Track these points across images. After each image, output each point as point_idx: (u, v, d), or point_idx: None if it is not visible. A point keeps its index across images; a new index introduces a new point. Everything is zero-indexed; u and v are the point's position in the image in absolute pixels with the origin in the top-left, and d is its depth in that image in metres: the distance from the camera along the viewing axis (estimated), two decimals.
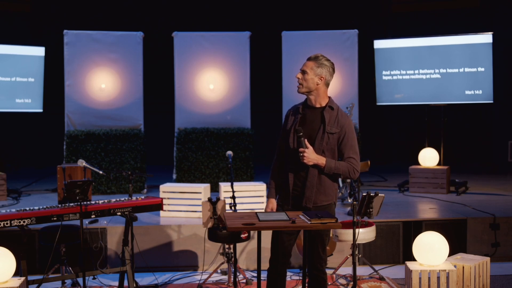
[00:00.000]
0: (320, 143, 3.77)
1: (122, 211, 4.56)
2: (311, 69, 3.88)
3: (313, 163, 3.72)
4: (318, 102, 3.87)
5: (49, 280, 4.57)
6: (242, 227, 3.36)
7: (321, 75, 3.85)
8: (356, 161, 3.79)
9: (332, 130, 3.77)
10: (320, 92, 3.86)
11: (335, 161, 3.76)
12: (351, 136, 3.80)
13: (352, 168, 3.77)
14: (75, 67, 8.07)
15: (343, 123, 3.79)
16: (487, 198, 7.31)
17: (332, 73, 3.90)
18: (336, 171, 3.75)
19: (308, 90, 3.87)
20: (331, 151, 3.78)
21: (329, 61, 3.90)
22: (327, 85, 3.89)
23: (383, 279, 5.39)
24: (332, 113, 3.82)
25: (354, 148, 3.80)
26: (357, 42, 8.33)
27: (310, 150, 3.72)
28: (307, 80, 3.87)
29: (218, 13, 11.21)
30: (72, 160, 7.82)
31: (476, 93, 7.96)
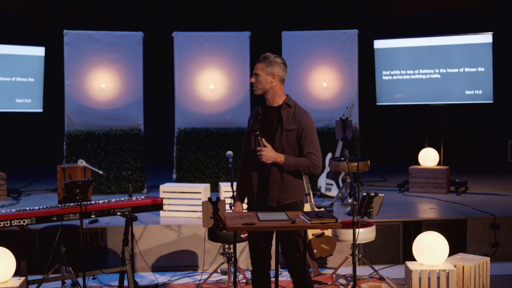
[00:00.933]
0: (279, 141, 3.78)
1: (122, 211, 4.56)
2: (262, 70, 3.84)
3: (272, 161, 3.73)
4: (275, 101, 3.88)
5: (49, 280, 4.57)
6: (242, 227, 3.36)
7: (273, 73, 3.83)
8: (316, 156, 3.79)
9: (289, 127, 3.78)
10: (276, 90, 3.86)
11: (294, 158, 3.76)
12: (310, 132, 3.81)
13: (312, 163, 3.77)
14: (75, 67, 8.07)
15: (301, 118, 3.82)
16: (487, 198, 7.31)
17: (284, 68, 3.88)
18: (295, 168, 3.76)
19: (264, 90, 3.86)
20: (291, 148, 3.79)
21: (279, 57, 3.89)
22: (282, 82, 3.90)
23: (383, 279, 5.39)
24: (289, 110, 3.85)
25: (313, 143, 3.80)
26: (357, 42, 8.33)
27: (268, 148, 3.73)
28: (260, 81, 3.84)
29: (218, 13, 11.20)
30: (72, 160, 7.82)
31: (476, 93, 7.96)
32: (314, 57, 8.33)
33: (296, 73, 8.33)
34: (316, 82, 8.32)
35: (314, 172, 3.81)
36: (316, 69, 8.33)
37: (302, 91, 8.30)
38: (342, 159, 6.93)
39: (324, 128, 8.18)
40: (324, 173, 7.67)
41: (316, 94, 8.32)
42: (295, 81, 8.33)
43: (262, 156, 3.71)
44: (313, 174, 3.85)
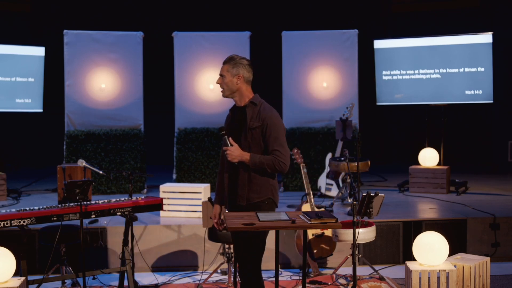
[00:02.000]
0: (245, 140, 3.76)
1: (122, 211, 4.56)
2: (227, 71, 3.83)
3: (238, 160, 3.70)
4: (243, 101, 3.86)
5: (49, 280, 4.57)
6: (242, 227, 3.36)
7: (238, 74, 3.81)
8: (281, 153, 3.72)
9: (253, 125, 3.75)
10: (243, 91, 3.85)
11: (259, 156, 3.72)
12: (274, 129, 3.75)
13: (277, 160, 3.70)
14: (75, 67, 8.07)
15: (265, 116, 3.76)
16: (487, 198, 7.31)
17: (250, 70, 3.87)
18: (261, 165, 3.71)
19: (231, 92, 3.85)
20: (258, 146, 3.76)
21: (244, 59, 3.87)
22: (248, 83, 3.89)
23: (383, 279, 5.39)
24: (254, 108, 3.81)
25: (278, 140, 3.74)
26: (357, 42, 8.33)
27: (233, 147, 3.72)
28: (226, 83, 3.83)
29: (218, 13, 11.21)
30: (72, 160, 7.82)
31: (476, 93, 7.96)
32: (314, 57, 8.33)
33: (296, 73, 8.33)
34: (316, 82, 8.33)
35: (280, 169, 3.75)
36: (316, 69, 8.33)
37: (302, 91, 8.31)
38: (342, 159, 6.93)
39: (324, 128, 8.19)
40: (324, 173, 7.67)
41: (316, 94, 8.32)
42: (295, 81, 8.33)
43: (227, 155, 3.72)
44: (280, 171, 3.79)
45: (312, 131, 8.17)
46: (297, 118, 8.27)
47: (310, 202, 5.49)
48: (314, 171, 8.00)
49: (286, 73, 8.35)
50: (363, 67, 8.56)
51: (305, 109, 8.29)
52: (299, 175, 8.03)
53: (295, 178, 8.15)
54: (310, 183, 5.86)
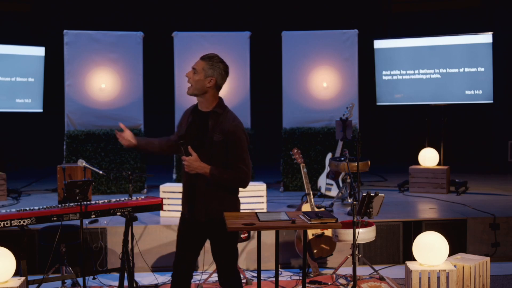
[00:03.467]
0: (207, 152, 3.52)
1: (122, 211, 4.56)
2: (202, 70, 3.57)
3: (196, 172, 3.48)
4: (206, 106, 3.63)
5: (49, 280, 4.58)
6: (242, 227, 3.36)
7: (212, 77, 3.56)
8: (244, 170, 3.50)
9: (216, 138, 3.52)
10: (209, 96, 3.61)
11: (220, 169, 3.49)
12: (238, 142, 3.52)
13: (239, 176, 3.51)
14: (75, 67, 8.07)
15: (228, 129, 3.53)
16: (487, 198, 7.31)
17: (225, 76, 3.62)
18: (220, 180, 3.50)
19: (197, 92, 3.60)
20: (219, 159, 3.53)
21: (223, 63, 3.61)
22: (218, 89, 3.64)
23: (383, 279, 5.39)
24: (217, 117, 3.58)
25: (241, 156, 3.52)
26: (357, 42, 8.33)
27: (192, 158, 3.47)
28: (196, 81, 3.57)
29: (218, 13, 11.21)
30: (72, 160, 7.82)
31: (476, 93, 7.96)
32: (314, 57, 8.33)
33: (296, 73, 8.33)
34: (316, 82, 8.32)
35: (241, 185, 3.56)
36: (316, 69, 8.33)
37: (302, 91, 8.30)
38: (342, 159, 6.93)
39: (324, 128, 8.19)
40: (324, 173, 7.67)
41: (316, 94, 8.32)
42: (295, 81, 8.33)
43: (185, 166, 3.49)
44: (241, 187, 3.62)
45: (312, 131, 8.17)
46: (297, 118, 8.27)
47: (310, 202, 5.49)
48: (314, 171, 8.00)
49: (286, 73, 8.35)
50: (363, 67, 8.56)
51: (305, 109, 8.29)
52: (299, 175, 8.03)
53: (295, 178, 8.15)
54: (310, 183, 5.86)
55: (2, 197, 7.39)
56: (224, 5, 11.20)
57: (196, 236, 3.73)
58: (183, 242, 3.76)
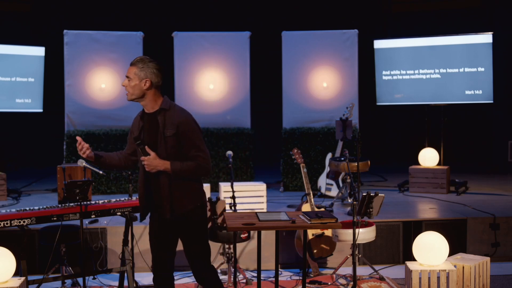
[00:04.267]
0: (163, 148, 3.58)
1: (122, 211, 4.56)
2: (135, 74, 3.61)
3: (157, 170, 3.53)
4: (151, 107, 3.67)
5: (49, 280, 4.57)
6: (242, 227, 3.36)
7: (146, 78, 3.61)
8: (202, 157, 3.56)
9: (168, 133, 3.57)
10: (150, 96, 3.64)
11: (180, 163, 3.54)
12: (191, 133, 3.58)
13: (200, 165, 3.56)
14: (75, 67, 8.07)
15: (179, 121, 3.58)
16: (487, 198, 7.31)
17: (158, 74, 3.67)
18: (183, 173, 3.55)
19: (137, 97, 3.65)
20: (176, 153, 3.58)
21: (152, 62, 3.67)
22: (157, 88, 3.67)
23: (383, 279, 5.39)
24: (165, 114, 3.62)
25: (196, 144, 3.58)
26: (357, 42, 8.33)
27: (151, 157, 3.54)
28: (133, 87, 3.62)
29: (218, 13, 11.21)
30: (72, 160, 7.82)
31: (476, 93, 7.96)
32: (314, 57, 8.33)
33: (296, 73, 8.33)
34: (316, 82, 8.33)
35: (204, 173, 3.61)
36: (316, 69, 8.33)
37: (302, 91, 8.31)
38: (342, 159, 6.93)
39: (324, 128, 8.19)
40: (324, 173, 7.67)
41: (316, 94, 8.32)
42: (295, 81, 8.33)
43: (146, 165, 3.53)
44: (203, 175, 3.67)
45: (312, 131, 8.17)
46: (297, 118, 8.27)
47: (310, 202, 5.49)
48: (314, 171, 8.00)
49: (286, 73, 8.35)
50: (363, 67, 8.56)
51: (305, 109, 8.29)
52: (299, 175, 8.03)
53: (295, 178, 8.15)
54: (310, 183, 5.86)
55: (2, 197, 7.39)
56: (224, 5, 11.20)
57: (166, 234, 3.73)
58: (156, 243, 3.77)
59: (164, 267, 3.77)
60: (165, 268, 3.78)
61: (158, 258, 3.78)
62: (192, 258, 3.72)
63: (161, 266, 3.77)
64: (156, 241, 3.77)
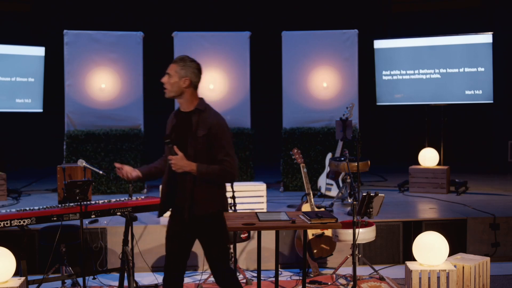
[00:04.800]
0: (191, 148, 3.60)
1: (122, 211, 4.56)
2: (176, 72, 3.66)
3: (183, 171, 3.54)
4: (188, 106, 3.71)
5: (49, 280, 4.57)
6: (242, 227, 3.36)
7: (186, 77, 3.65)
8: (230, 162, 3.57)
9: (199, 133, 3.60)
10: (188, 96, 3.68)
11: (207, 166, 3.55)
12: (222, 137, 3.62)
13: (226, 170, 3.56)
14: (75, 67, 8.07)
15: (211, 124, 3.61)
16: (487, 198, 7.31)
17: (198, 74, 3.70)
18: (208, 176, 3.56)
19: (175, 94, 3.69)
20: (204, 155, 3.60)
21: (194, 62, 3.71)
22: (195, 87, 3.71)
23: (383, 279, 5.39)
24: (200, 115, 3.66)
25: (225, 149, 3.60)
26: (357, 42, 8.33)
27: (179, 157, 3.54)
28: (172, 84, 3.67)
29: (218, 13, 11.21)
30: (72, 160, 7.82)
31: (476, 93, 7.96)
32: (314, 57, 8.33)
33: (296, 73, 8.33)
34: (316, 82, 8.33)
35: (229, 179, 3.62)
36: (316, 69, 8.33)
37: (302, 91, 8.30)
38: (342, 159, 6.93)
39: (324, 128, 8.19)
40: (324, 173, 7.67)
41: (316, 94, 8.32)
42: (295, 81, 8.33)
43: (172, 165, 3.54)
44: (229, 181, 3.67)
45: (312, 131, 8.17)
46: (297, 118, 8.27)
47: (310, 202, 5.49)
48: (314, 171, 8.00)
49: (286, 73, 8.35)
50: (363, 67, 8.56)
51: (305, 109, 8.29)
52: (299, 175, 8.03)
53: (295, 178, 8.15)
54: (310, 183, 5.85)
55: (2, 197, 7.39)
56: (224, 5, 11.20)
57: (184, 234, 3.73)
58: (172, 242, 3.77)
59: (176, 267, 3.77)
60: (178, 268, 3.77)
61: (172, 258, 3.77)
62: (211, 261, 3.71)
63: (174, 265, 3.76)
64: (172, 240, 3.77)
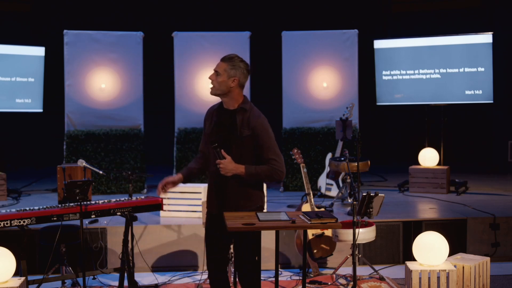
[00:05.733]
0: (237, 149, 3.61)
1: (122, 211, 4.56)
2: (225, 71, 3.67)
3: (232, 174, 3.57)
4: (232, 105, 3.72)
5: (49, 280, 4.58)
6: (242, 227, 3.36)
7: (235, 77, 3.66)
8: (277, 161, 3.60)
9: (244, 133, 3.61)
10: (234, 95, 3.70)
11: (255, 167, 3.59)
12: (266, 136, 3.62)
13: (274, 170, 3.59)
14: (75, 67, 8.07)
15: (254, 124, 3.62)
16: (487, 198, 7.31)
17: (247, 75, 3.72)
18: (257, 177, 3.60)
19: (222, 93, 3.71)
20: (250, 155, 3.63)
21: (243, 62, 3.72)
22: (242, 87, 3.73)
23: (383, 279, 5.39)
24: (244, 114, 3.67)
25: (272, 148, 3.62)
26: (357, 42, 8.33)
27: (227, 160, 3.57)
28: (220, 82, 3.68)
29: (218, 13, 11.21)
30: (72, 160, 7.82)
31: (476, 93, 7.96)
32: (314, 57, 8.33)
33: (296, 73, 8.33)
34: (316, 82, 8.33)
35: (278, 178, 3.64)
36: (316, 69, 8.33)
37: (302, 91, 8.30)
38: (342, 159, 6.93)
39: (324, 128, 8.19)
40: (324, 173, 7.67)
41: (316, 94, 8.32)
42: (295, 81, 8.33)
43: (221, 169, 3.57)
44: (277, 180, 3.69)
45: (312, 131, 8.17)
46: (297, 118, 8.27)
47: (310, 202, 5.49)
48: (314, 171, 8.00)
49: (286, 73, 8.35)
50: (363, 67, 8.56)
51: (305, 109, 8.29)
52: (299, 175, 8.03)
53: (295, 178, 8.15)
54: (310, 183, 5.85)
55: (2, 197, 7.39)
56: (224, 5, 11.20)
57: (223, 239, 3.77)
58: (211, 242, 3.80)
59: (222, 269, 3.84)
60: (221, 269, 3.84)
61: (215, 263, 3.82)
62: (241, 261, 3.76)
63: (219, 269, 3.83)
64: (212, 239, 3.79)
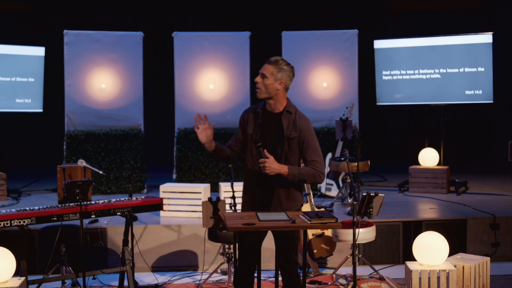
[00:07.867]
0: (282, 150, 3.71)
1: (122, 211, 4.56)
2: (271, 74, 3.72)
3: (275, 173, 3.63)
4: (277, 107, 3.78)
5: (49, 280, 4.57)
6: (242, 227, 3.36)
7: (281, 80, 3.74)
8: (320, 163, 3.71)
9: (291, 135, 3.70)
10: (279, 97, 3.77)
11: (298, 168, 3.69)
12: (311, 139, 3.73)
13: (317, 172, 3.69)
14: (75, 67, 8.07)
15: (301, 126, 3.72)
16: (487, 198, 7.31)
17: (292, 77, 3.82)
18: (300, 177, 3.68)
19: (268, 95, 3.75)
20: (294, 156, 3.73)
21: (289, 65, 3.80)
22: (286, 89, 3.81)
23: (383, 279, 5.39)
24: (290, 117, 3.75)
25: (315, 151, 3.73)
26: (357, 42, 8.33)
27: (270, 160, 3.63)
28: (266, 85, 3.72)
29: (218, 13, 11.20)
30: (72, 160, 7.82)
31: (476, 93, 7.96)
32: (314, 57, 8.33)
33: (296, 73, 8.28)
34: (316, 82, 8.33)
35: (319, 180, 3.73)
36: (316, 69, 8.33)
37: (302, 91, 8.30)
38: (342, 159, 6.93)
39: (324, 128, 8.19)
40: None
41: (316, 94, 8.32)
42: (295, 81, 8.20)
43: (265, 168, 3.61)
44: (318, 182, 3.77)
45: None
46: None
47: (310, 202, 5.49)
48: None
49: None
50: (363, 67, 8.56)
51: (305, 109, 8.18)
52: None
53: None
54: None
55: (2, 197, 7.39)
56: (224, 5, 11.20)
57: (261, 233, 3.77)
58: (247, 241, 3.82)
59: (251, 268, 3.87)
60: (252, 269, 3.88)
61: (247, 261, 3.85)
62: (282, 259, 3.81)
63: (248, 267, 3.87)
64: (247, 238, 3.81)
